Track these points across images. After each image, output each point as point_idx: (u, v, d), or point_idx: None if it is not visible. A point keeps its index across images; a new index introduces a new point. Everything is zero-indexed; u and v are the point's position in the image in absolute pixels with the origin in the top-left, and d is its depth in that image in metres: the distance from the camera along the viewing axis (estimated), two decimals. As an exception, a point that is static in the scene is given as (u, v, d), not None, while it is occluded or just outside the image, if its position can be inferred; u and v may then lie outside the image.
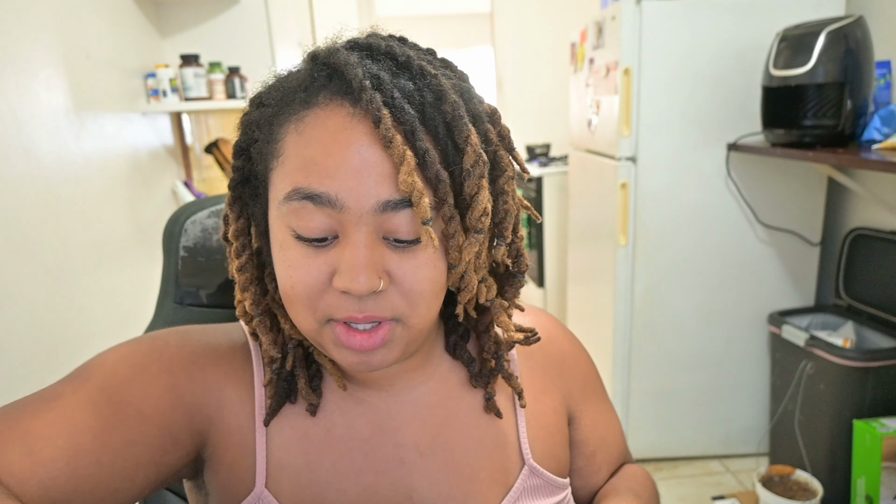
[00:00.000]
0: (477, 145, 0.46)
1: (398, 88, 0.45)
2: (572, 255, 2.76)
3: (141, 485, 0.48)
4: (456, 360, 0.59)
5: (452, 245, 0.47)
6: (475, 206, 0.46)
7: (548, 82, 3.78)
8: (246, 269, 0.52)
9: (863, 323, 1.81)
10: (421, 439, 0.56)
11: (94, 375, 0.49)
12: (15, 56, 1.23)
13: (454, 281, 0.49)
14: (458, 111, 0.46)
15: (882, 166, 1.32)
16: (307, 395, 0.54)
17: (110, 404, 0.48)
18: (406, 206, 0.44)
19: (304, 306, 0.47)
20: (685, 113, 1.91)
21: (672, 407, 2.13)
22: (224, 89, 1.94)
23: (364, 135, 0.44)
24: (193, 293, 0.75)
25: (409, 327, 0.48)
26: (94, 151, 1.51)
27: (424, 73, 0.47)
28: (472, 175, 0.46)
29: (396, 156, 0.43)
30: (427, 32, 6.91)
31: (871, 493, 1.57)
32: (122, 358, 0.51)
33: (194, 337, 0.55)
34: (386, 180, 0.44)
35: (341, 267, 0.45)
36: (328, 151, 0.44)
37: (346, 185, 0.44)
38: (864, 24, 1.54)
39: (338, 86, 0.46)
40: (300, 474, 0.53)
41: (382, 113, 0.43)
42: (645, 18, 1.85)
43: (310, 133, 0.45)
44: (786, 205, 1.97)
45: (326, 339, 0.48)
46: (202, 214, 0.75)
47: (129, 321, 1.61)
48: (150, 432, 0.48)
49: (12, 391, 1.14)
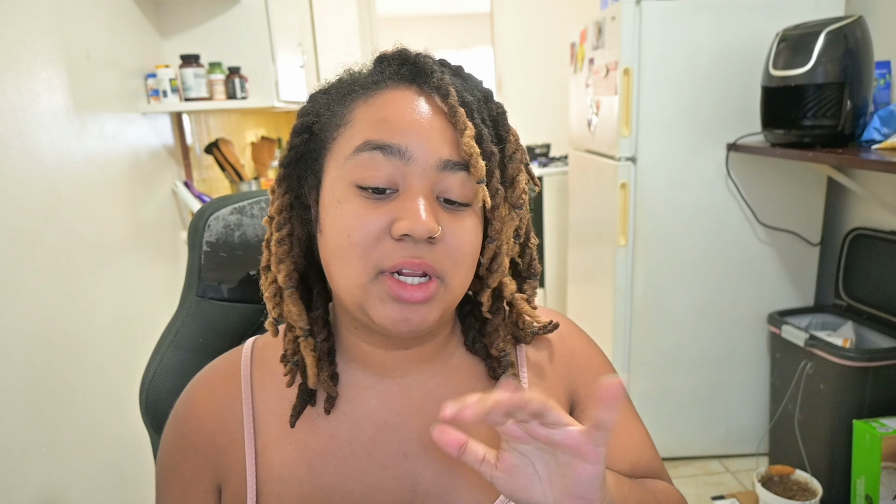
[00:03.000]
0: (517, 137, 0.55)
1: (456, 82, 0.53)
2: (572, 255, 2.76)
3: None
4: (474, 355, 0.62)
5: (497, 216, 0.53)
6: (517, 186, 0.55)
7: (548, 82, 3.78)
8: (284, 242, 0.56)
9: (862, 323, 1.81)
10: (424, 433, 0.57)
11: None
12: (15, 56, 1.23)
13: (488, 257, 0.55)
14: (502, 109, 0.56)
15: (882, 166, 1.32)
16: (327, 387, 0.56)
17: None
18: (463, 168, 0.51)
19: (358, 256, 0.50)
20: (685, 113, 1.91)
21: (672, 407, 2.13)
22: (224, 89, 1.94)
23: (432, 106, 0.52)
24: (215, 287, 0.78)
25: (450, 289, 0.52)
26: (94, 151, 1.51)
27: (473, 79, 0.57)
28: (514, 160, 0.55)
29: (461, 123, 0.50)
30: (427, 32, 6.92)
31: (870, 493, 1.57)
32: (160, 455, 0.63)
33: (178, 421, 0.61)
34: (449, 143, 0.51)
35: (402, 213, 0.49)
36: (400, 114, 0.51)
37: (415, 139, 0.50)
38: (864, 24, 1.54)
39: (407, 73, 0.53)
40: (303, 484, 0.55)
41: (451, 89, 0.51)
42: (645, 18, 1.85)
43: (381, 103, 0.52)
44: (785, 205, 1.97)
45: (373, 296, 0.50)
46: (225, 211, 0.77)
47: (129, 321, 1.61)
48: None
49: (13, 391, 1.14)
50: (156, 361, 0.75)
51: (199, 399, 0.60)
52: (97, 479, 1.39)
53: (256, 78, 2.02)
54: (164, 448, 0.61)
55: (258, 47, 2.02)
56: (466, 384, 0.60)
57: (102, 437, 1.43)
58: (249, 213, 0.78)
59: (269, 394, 0.59)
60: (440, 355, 0.60)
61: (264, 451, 0.57)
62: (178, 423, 0.60)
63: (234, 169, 2.25)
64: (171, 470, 0.60)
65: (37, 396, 1.21)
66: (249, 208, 0.78)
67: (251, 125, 2.91)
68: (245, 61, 2.00)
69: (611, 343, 2.10)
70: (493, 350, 0.59)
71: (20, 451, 1.15)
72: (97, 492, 1.39)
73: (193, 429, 0.59)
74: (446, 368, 0.60)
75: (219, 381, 0.60)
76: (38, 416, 1.21)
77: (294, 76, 2.39)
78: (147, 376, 0.75)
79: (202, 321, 0.77)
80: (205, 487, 0.59)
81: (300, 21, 2.70)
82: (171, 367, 0.75)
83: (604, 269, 2.18)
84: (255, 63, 2.02)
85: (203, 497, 0.59)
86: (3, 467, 1.10)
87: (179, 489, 0.59)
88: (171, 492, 0.60)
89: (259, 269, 0.58)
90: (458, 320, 0.63)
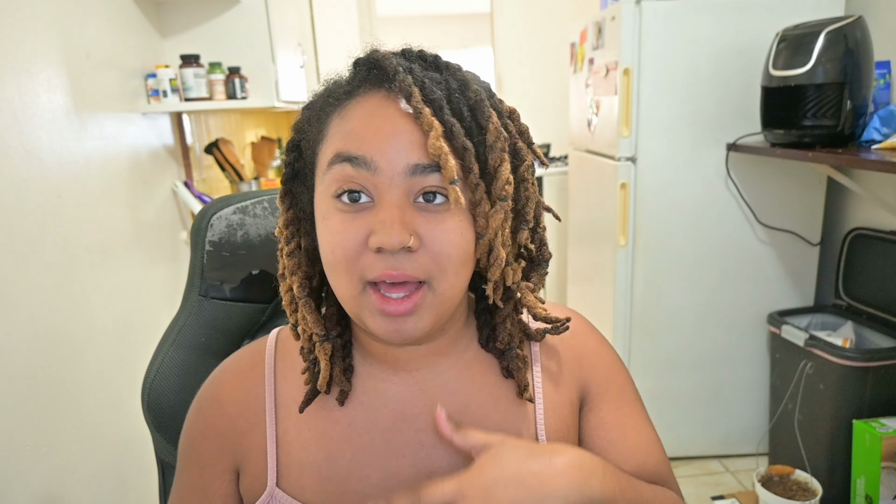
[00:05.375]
0: (498, 124, 0.52)
1: (427, 76, 0.52)
2: (572, 255, 2.76)
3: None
4: (488, 352, 0.62)
5: (479, 212, 0.52)
6: (499, 177, 0.52)
7: (548, 82, 3.78)
8: (294, 255, 0.58)
9: (862, 323, 1.81)
10: None
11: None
12: (15, 56, 1.23)
13: (482, 253, 0.53)
14: (480, 96, 0.52)
15: (881, 166, 1.32)
16: (340, 382, 0.58)
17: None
18: (434, 170, 0.49)
19: (344, 269, 0.51)
20: (685, 113, 1.91)
21: (672, 407, 2.13)
22: (224, 90, 1.93)
23: (397, 110, 0.51)
24: (218, 286, 0.78)
25: (438, 293, 0.51)
26: (94, 151, 1.51)
27: (450, 67, 0.54)
28: (495, 149, 0.52)
29: (425, 124, 0.49)
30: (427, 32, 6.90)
31: (870, 493, 1.57)
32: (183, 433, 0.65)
33: (202, 404, 0.63)
34: (416, 147, 0.49)
35: (375, 226, 0.49)
36: (365, 123, 0.51)
37: (379, 149, 0.49)
38: (864, 24, 1.54)
39: (376, 77, 0.52)
40: (321, 469, 0.57)
41: (413, 89, 0.50)
42: (644, 19, 1.85)
43: (350, 114, 0.52)
44: (785, 205, 1.97)
45: (365, 308, 0.51)
46: (227, 211, 0.78)
47: (129, 321, 1.61)
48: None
49: (13, 391, 1.14)
50: (158, 360, 0.75)
51: (224, 384, 0.62)
52: (97, 479, 1.39)
53: (256, 78, 2.02)
54: (187, 429, 0.62)
55: (258, 47, 2.02)
56: (481, 377, 0.61)
57: (102, 437, 1.43)
58: (252, 212, 0.78)
59: (291, 383, 0.60)
60: (454, 349, 0.61)
61: (284, 437, 0.58)
62: (202, 405, 0.62)
63: (234, 169, 2.25)
64: (190, 449, 0.61)
65: (37, 396, 1.21)
66: (252, 208, 0.78)
67: (251, 125, 2.91)
68: (245, 61, 2.00)
69: (611, 343, 2.10)
70: (498, 343, 0.59)
71: (20, 451, 1.15)
72: (97, 492, 1.39)
73: (216, 412, 0.61)
74: (461, 362, 0.61)
75: (244, 367, 0.62)
76: (38, 416, 1.21)
77: (294, 76, 2.39)
78: (149, 375, 0.75)
79: (205, 320, 0.77)
80: (222, 468, 0.60)
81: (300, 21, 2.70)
82: (173, 366, 0.75)
83: (604, 270, 2.18)
84: (255, 63, 2.02)
85: (220, 477, 0.60)
86: (3, 467, 1.10)
87: (197, 468, 0.61)
88: (189, 469, 0.61)
89: (261, 269, 0.60)
90: (474, 316, 0.63)
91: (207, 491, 0.60)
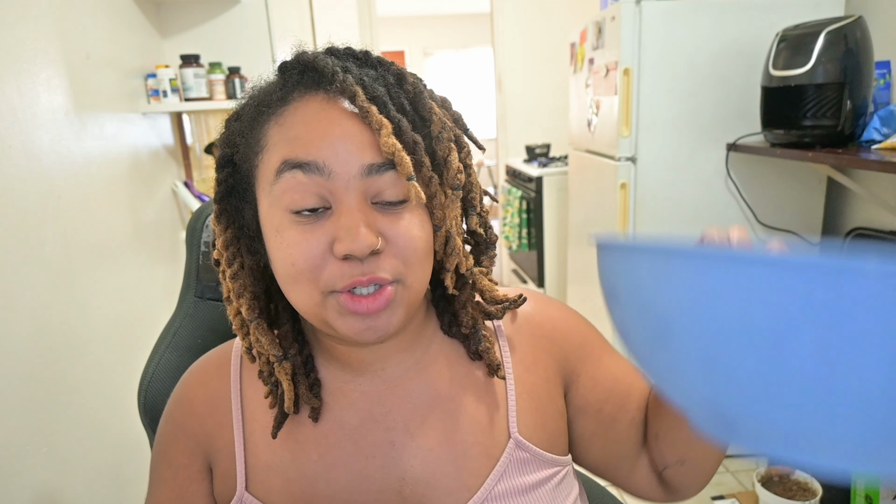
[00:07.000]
0: (441, 114, 0.52)
1: (364, 74, 0.51)
2: (572, 255, 2.76)
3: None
4: (452, 338, 0.61)
5: (436, 204, 0.52)
6: (449, 166, 0.52)
7: (548, 82, 3.78)
8: (239, 277, 0.55)
9: (862, 323, 1.81)
10: (411, 420, 0.57)
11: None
12: (15, 57, 1.23)
13: (440, 244, 0.53)
14: (419, 88, 0.52)
15: (881, 166, 1.32)
16: (308, 399, 0.56)
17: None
18: (389, 168, 0.48)
19: (307, 280, 0.49)
20: (685, 113, 1.91)
21: (672, 407, 2.12)
22: (224, 90, 1.94)
23: (341, 111, 0.49)
24: (213, 288, 0.78)
25: (409, 287, 0.51)
26: (94, 151, 1.51)
27: (383, 62, 0.54)
28: (442, 139, 0.52)
29: (375, 122, 0.47)
30: (427, 32, 6.92)
31: (870, 493, 1.57)
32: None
33: (171, 407, 0.62)
34: (367, 147, 0.48)
35: (339, 233, 0.47)
36: (311, 128, 0.49)
37: (330, 152, 0.48)
38: (864, 24, 1.54)
39: (310, 79, 0.51)
40: (287, 471, 0.56)
41: (356, 89, 0.48)
42: (645, 18, 1.85)
43: (290, 120, 0.50)
44: (785, 205, 1.97)
45: (330, 311, 0.50)
46: None
47: (129, 321, 1.61)
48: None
49: (13, 391, 1.14)
50: (154, 362, 0.75)
51: (192, 385, 0.62)
52: (97, 479, 1.39)
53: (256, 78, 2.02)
54: (158, 437, 0.62)
55: (258, 47, 2.02)
56: (448, 370, 0.60)
57: (102, 437, 1.43)
58: (248, 213, 0.78)
59: (257, 384, 0.60)
60: (418, 343, 0.60)
61: (251, 437, 0.58)
62: (171, 409, 0.62)
63: (234, 169, 2.25)
64: (161, 456, 0.61)
65: (37, 396, 1.21)
66: (248, 208, 0.78)
67: (251, 125, 2.91)
68: (245, 61, 2.01)
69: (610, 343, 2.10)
70: (462, 328, 0.59)
71: (20, 451, 1.15)
72: (97, 492, 1.39)
73: (186, 412, 0.60)
74: (426, 356, 0.60)
75: (211, 368, 0.62)
76: (38, 416, 1.21)
77: (294, 76, 2.39)
78: (146, 377, 0.75)
79: (200, 322, 0.77)
80: (197, 469, 0.59)
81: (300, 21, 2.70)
82: (169, 367, 0.75)
83: (604, 269, 2.18)
84: (255, 63, 2.03)
85: (195, 478, 0.59)
86: (3, 467, 1.10)
87: (170, 473, 0.60)
88: (163, 476, 0.60)
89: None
90: (432, 305, 0.63)
91: (185, 494, 0.59)
